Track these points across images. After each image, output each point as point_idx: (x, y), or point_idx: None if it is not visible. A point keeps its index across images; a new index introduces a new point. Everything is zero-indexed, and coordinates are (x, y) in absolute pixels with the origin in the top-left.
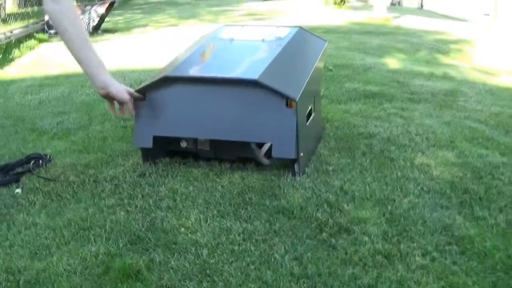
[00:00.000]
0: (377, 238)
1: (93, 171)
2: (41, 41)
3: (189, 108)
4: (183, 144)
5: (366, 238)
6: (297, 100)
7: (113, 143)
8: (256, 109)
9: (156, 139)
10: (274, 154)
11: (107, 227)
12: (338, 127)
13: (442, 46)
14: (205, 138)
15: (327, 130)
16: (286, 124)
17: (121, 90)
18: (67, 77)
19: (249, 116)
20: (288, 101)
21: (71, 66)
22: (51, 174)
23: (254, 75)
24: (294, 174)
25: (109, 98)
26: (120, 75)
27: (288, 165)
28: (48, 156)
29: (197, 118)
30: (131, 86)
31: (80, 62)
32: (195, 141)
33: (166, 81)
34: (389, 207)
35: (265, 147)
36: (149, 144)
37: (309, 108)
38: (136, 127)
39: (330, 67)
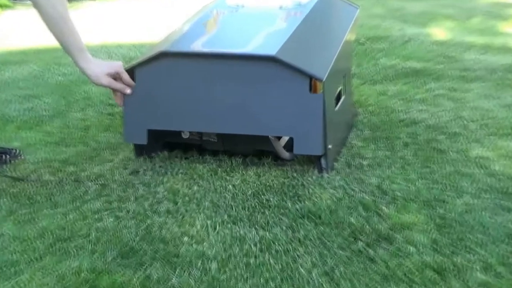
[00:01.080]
0: (425, 248)
1: (73, 169)
2: (3, 7)
3: (190, 93)
4: (185, 135)
5: (411, 249)
6: (324, 80)
7: (97, 133)
8: (273, 93)
9: (152, 132)
10: (296, 150)
11: (92, 237)
12: (373, 112)
13: (500, 11)
14: (210, 132)
15: (359, 116)
16: (311, 112)
17: (97, 75)
18: (38, 53)
19: (264, 103)
20: (313, 82)
21: (43, 38)
22: (19, 172)
23: (270, 50)
24: (321, 170)
25: (106, 79)
26: (104, 52)
27: (313, 159)
28: (16, 151)
29: (200, 106)
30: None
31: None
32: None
33: (162, 58)
34: (439, 210)
35: (285, 138)
36: (142, 139)
37: (339, 89)
38: (126, 118)
39: (362, 40)
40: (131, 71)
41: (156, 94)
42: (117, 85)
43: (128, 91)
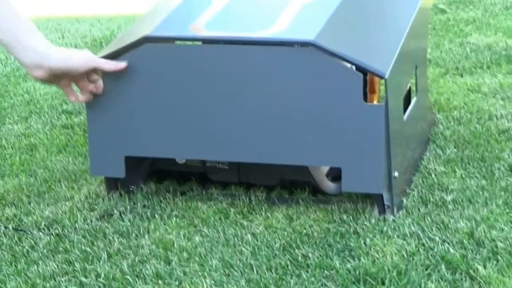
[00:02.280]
0: None
1: (12, 211)
2: None
3: (188, 99)
4: (181, 160)
5: None
6: (387, 76)
7: (48, 156)
8: (310, 97)
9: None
10: (346, 186)
11: None
12: (461, 119)
13: None
14: (220, 161)
15: (440, 126)
16: (366, 126)
17: (78, 57)
18: None
19: (296, 114)
20: (370, 79)
21: None
22: None
23: (306, 33)
24: (383, 210)
25: (57, 78)
26: (54, 29)
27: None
28: None
29: (203, 121)
30: None
31: None
32: None
33: (145, 46)
34: None
35: None
36: (118, 171)
37: (407, 87)
38: (92, 138)
39: (442, 6)
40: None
41: (138, 102)
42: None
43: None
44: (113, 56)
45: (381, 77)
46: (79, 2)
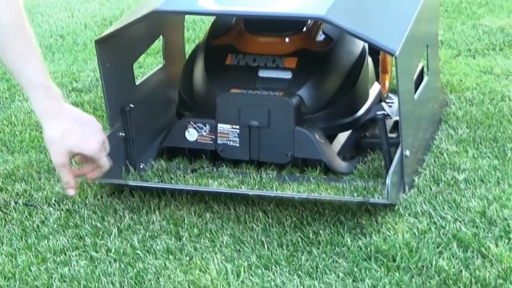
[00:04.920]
0: None
1: (23, 187)
2: None
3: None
4: (191, 136)
5: None
6: (397, 53)
7: None
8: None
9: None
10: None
11: None
12: (473, 100)
13: None
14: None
15: (452, 107)
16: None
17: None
18: None
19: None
20: (382, 56)
21: None
22: None
23: (316, 8)
24: None
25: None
26: (64, 8)
27: (382, 171)
28: None
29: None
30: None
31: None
32: (213, 128)
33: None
34: None
35: (340, 140)
36: None
37: (419, 67)
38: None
39: None
40: (105, 42)
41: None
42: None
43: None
44: (124, 28)
45: (391, 54)
46: None
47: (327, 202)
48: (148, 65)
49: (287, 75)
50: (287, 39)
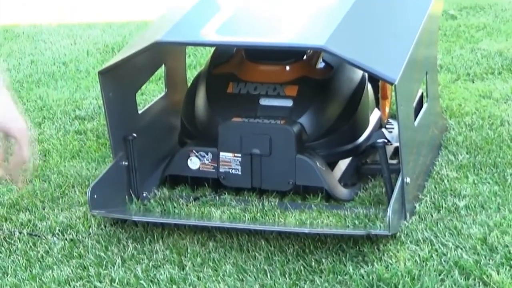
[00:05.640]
0: None
1: (27, 216)
2: None
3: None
4: (194, 164)
5: None
6: (396, 82)
7: (61, 162)
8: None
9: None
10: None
11: None
12: (472, 125)
13: None
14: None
15: (451, 132)
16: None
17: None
18: None
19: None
20: (381, 85)
21: None
22: None
23: (316, 38)
24: None
25: None
26: (66, 35)
27: (383, 197)
28: None
29: None
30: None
31: None
32: (216, 156)
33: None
34: None
35: (341, 167)
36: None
37: (419, 94)
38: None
39: (453, 11)
40: (108, 73)
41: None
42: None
43: (20, 185)
44: (127, 59)
45: (391, 83)
46: (91, 8)
47: (329, 229)
48: (150, 92)
49: (288, 103)
50: (287, 67)
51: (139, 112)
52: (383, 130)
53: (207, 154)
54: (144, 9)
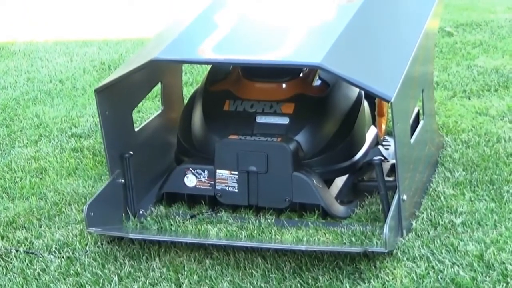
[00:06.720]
0: None
1: (24, 234)
2: None
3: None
4: (190, 182)
5: None
6: (392, 100)
7: (57, 179)
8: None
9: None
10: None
11: None
12: (469, 142)
13: None
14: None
15: (448, 149)
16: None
17: None
18: None
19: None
20: (377, 103)
21: None
22: None
23: (313, 55)
24: None
25: None
26: (62, 52)
27: (380, 214)
28: None
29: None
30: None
31: None
32: (212, 174)
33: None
34: None
35: (338, 184)
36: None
37: (416, 111)
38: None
39: (449, 29)
40: (104, 90)
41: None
42: None
43: None
44: (123, 77)
45: (387, 101)
46: (88, 25)
47: (325, 246)
48: (147, 109)
49: (285, 120)
50: (284, 85)
51: (136, 129)
52: (380, 147)
53: (204, 172)
54: (141, 27)
